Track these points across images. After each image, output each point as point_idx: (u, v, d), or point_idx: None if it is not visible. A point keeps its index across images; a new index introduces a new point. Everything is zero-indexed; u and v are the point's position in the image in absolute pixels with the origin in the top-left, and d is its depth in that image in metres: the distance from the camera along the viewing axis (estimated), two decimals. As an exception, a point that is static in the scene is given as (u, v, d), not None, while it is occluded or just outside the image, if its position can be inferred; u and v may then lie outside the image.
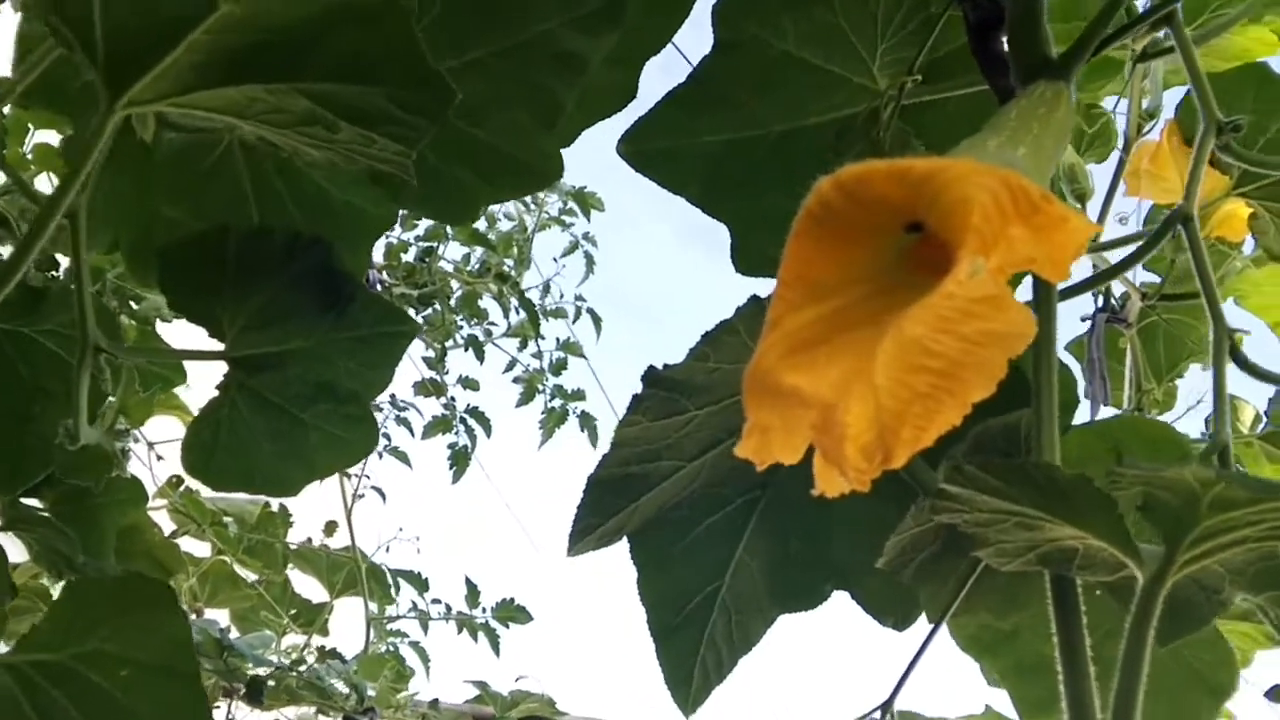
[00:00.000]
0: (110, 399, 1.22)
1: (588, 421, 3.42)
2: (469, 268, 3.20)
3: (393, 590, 2.95)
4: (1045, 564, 0.63)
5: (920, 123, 1.12)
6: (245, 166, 1.09)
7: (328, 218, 1.08)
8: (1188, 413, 1.65)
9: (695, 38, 1.13)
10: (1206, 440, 1.44)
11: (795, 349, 0.61)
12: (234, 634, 2.66)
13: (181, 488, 2.66)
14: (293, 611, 2.90)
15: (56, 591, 1.82)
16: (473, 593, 2.95)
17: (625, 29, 1.02)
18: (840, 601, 0.99)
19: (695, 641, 0.95)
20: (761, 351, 0.61)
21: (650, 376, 0.83)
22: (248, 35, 0.76)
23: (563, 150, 1.08)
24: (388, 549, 2.95)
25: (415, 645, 2.94)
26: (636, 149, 1.11)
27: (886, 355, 0.53)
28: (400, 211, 1.33)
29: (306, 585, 2.92)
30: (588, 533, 0.89)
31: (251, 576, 2.79)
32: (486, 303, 3.29)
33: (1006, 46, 0.96)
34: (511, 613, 2.94)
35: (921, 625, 1.01)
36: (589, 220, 3.30)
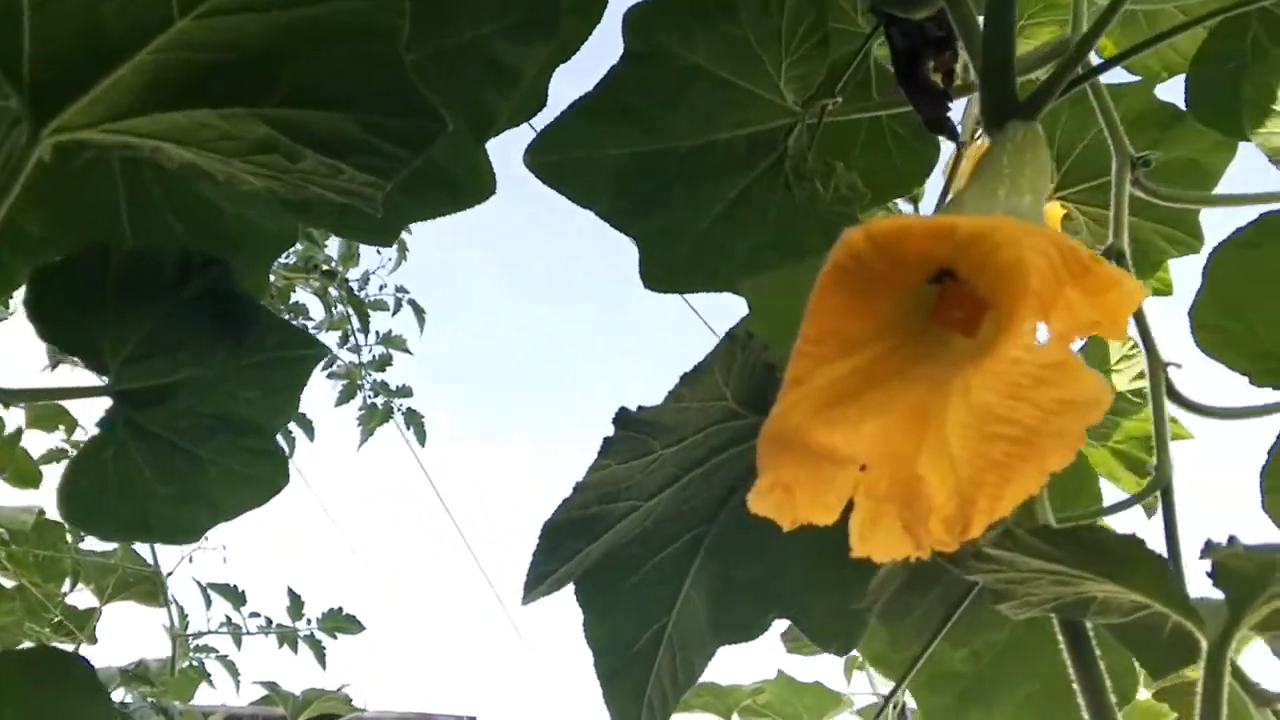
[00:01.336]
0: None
1: (414, 419, 3.34)
2: (284, 260, 3.07)
3: (205, 604, 2.84)
4: (1063, 612, 0.66)
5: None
6: (120, 173, 1.02)
7: (218, 233, 1.02)
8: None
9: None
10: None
11: (825, 405, 0.62)
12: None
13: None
14: (56, 620, 2.78)
15: None
16: (295, 604, 2.86)
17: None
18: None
19: (643, 681, 0.95)
20: (786, 408, 0.62)
21: (622, 418, 0.82)
22: (203, 54, 0.71)
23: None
24: (190, 560, 2.84)
25: (224, 660, 2.84)
26: (544, 160, 1.10)
27: (958, 423, 0.55)
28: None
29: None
30: (544, 579, 0.88)
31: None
32: (303, 296, 3.18)
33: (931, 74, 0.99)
34: (340, 623, 2.87)
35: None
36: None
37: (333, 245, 3.16)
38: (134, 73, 0.71)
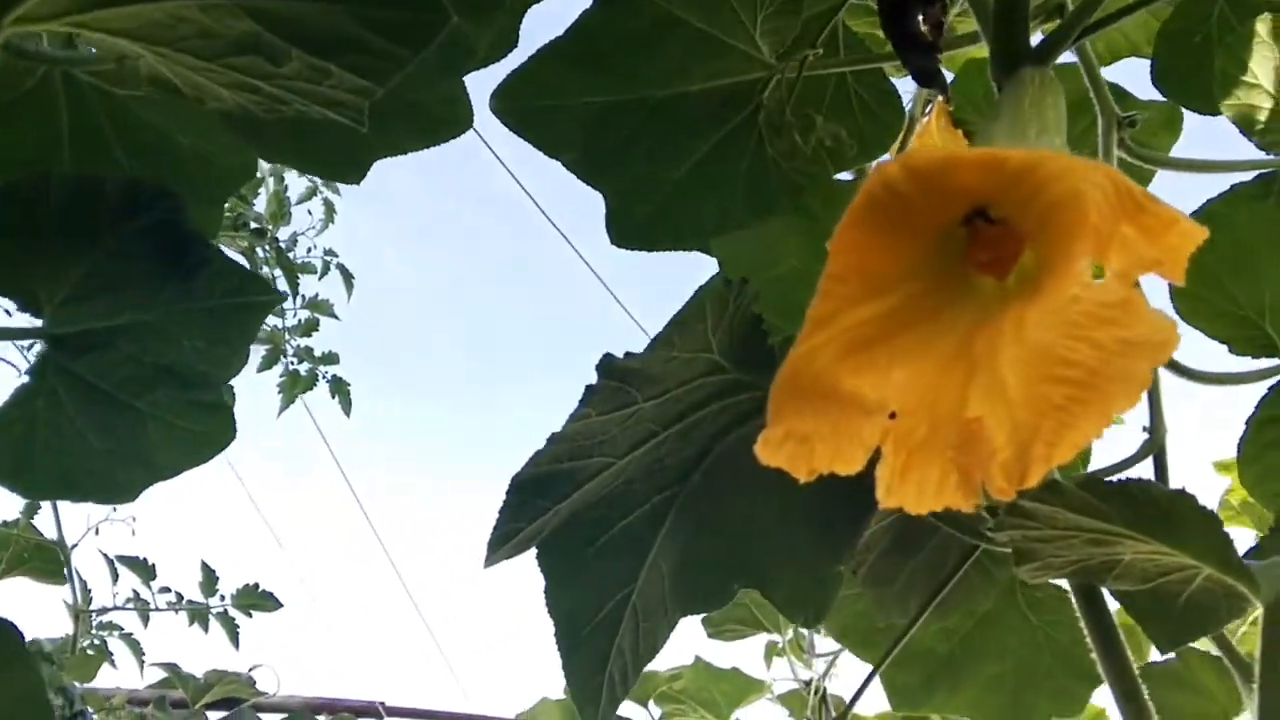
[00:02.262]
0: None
1: (340, 387, 3.22)
2: None
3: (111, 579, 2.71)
4: (1083, 576, 0.63)
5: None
6: (65, 99, 0.95)
7: (169, 167, 0.95)
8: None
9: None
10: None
11: (852, 349, 0.58)
12: None
13: None
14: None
15: None
16: (208, 579, 2.74)
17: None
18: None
19: (604, 653, 0.90)
20: (809, 351, 0.58)
21: (606, 366, 0.77)
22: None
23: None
24: (97, 531, 2.71)
25: (128, 638, 2.72)
26: (512, 105, 1.05)
27: (1015, 363, 0.51)
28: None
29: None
30: (509, 538, 0.83)
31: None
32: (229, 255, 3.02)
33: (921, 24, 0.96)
34: (255, 600, 2.74)
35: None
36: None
37: (260, 203, 3.05)
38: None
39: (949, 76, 1.36)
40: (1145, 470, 0.84)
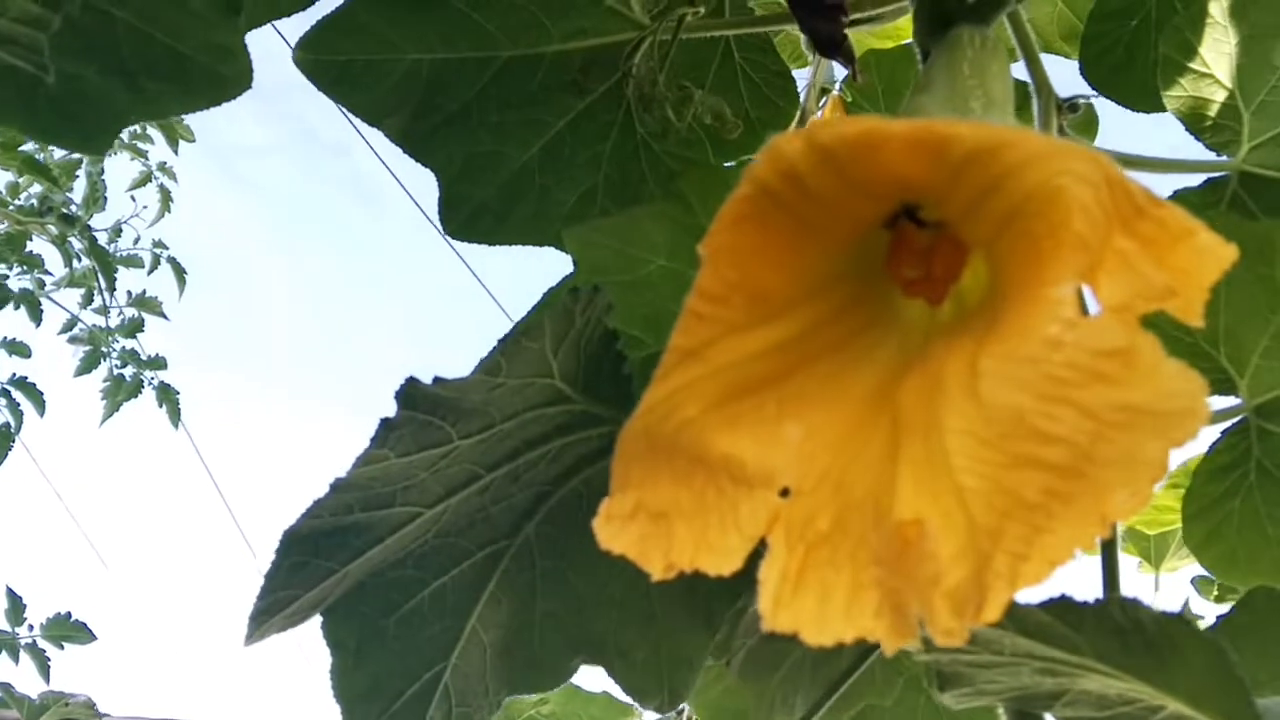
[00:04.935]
0: None
1: (167, 395, 2.96)
2: (19, 202, 2.67)
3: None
4: (1022, 705, 0.48)
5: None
6: None
7: None
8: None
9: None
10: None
11: (730, 395, 0.43)
12: None
13: None
14: None
15: None
16: (15, 607, 2.50)
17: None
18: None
19: (406, 749, 0.73)
20: (670, 395, 0.42)
21: (408, 394, 0.60)
22: None
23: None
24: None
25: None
26: (320, 58, 0.88)
27: (967, 434, 0.35)
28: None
29: None
30: (280, 608, 0.66)
31: None
32: (39, 246, 2.77)
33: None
34: (66, 630, 2.52)
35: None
36: (175, 150, 2.83)
37: (77, 189, 2.79)
38: None
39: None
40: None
